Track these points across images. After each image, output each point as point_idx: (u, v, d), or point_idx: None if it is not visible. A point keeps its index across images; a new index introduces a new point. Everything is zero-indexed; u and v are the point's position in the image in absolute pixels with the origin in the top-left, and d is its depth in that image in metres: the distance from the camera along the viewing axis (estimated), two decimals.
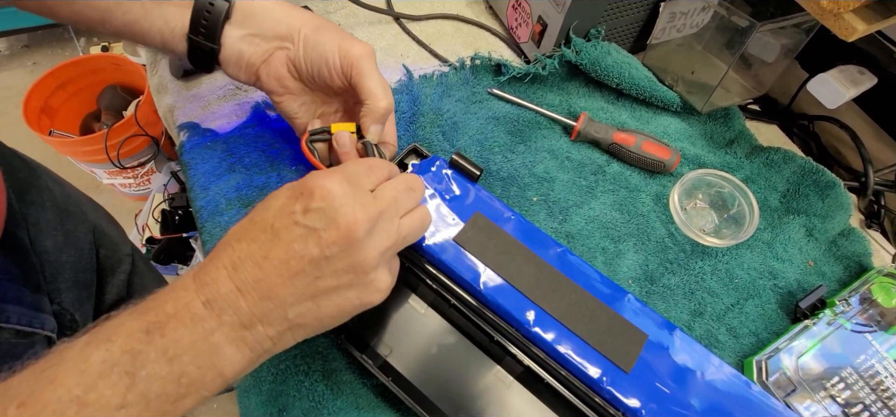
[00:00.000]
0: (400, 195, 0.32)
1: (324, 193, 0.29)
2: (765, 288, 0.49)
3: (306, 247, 0.28)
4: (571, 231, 0.50)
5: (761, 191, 0.55)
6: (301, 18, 0.40)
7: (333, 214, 0.28)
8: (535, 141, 0.55)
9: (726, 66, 0.55)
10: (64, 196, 0.56)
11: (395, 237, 0.31)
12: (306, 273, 0.28)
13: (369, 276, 0.30)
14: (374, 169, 0.33)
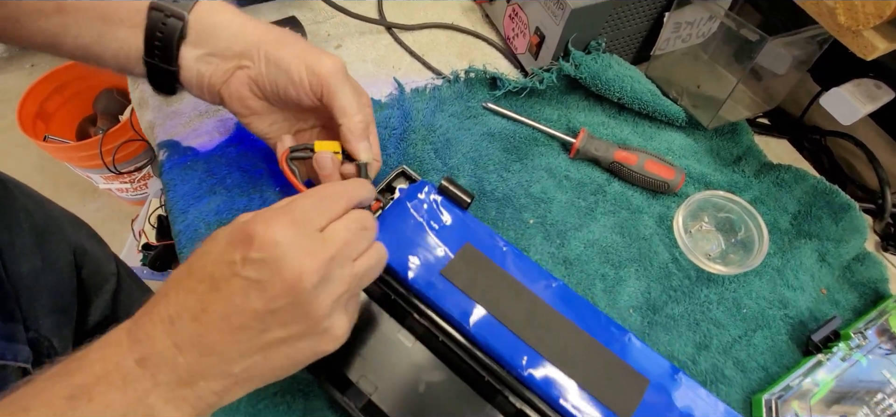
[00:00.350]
0: (352, 236, 0.30)
1: (265, 242, 0.26)
2: (774, 318, 0.46)
3: (248, 301, 0.26)
4: (569, 256, 0.47)
5: (771, 212, 0.52)
6: (259, 33, 0.37)
7: (277, 265, 0.26)
8: (531, 158, 0.52)
9: (735, 79, 0.52)
10: (43, 216, 0.54)
11: (349, 281, 0.29)
12: (250, 327, 0.26)
13: (322, 325, 0.28)
14: (325, 201, 0.30)
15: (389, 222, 0.38)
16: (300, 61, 0.35)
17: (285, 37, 0.37)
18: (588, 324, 0.36)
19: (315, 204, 0.29)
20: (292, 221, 0.27)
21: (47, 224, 0.54)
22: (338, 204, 0.31)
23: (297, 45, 0.36)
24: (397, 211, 0.39)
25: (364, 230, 0.31)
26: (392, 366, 0.39)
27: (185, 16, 0.35)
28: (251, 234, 0.26)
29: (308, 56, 0.36)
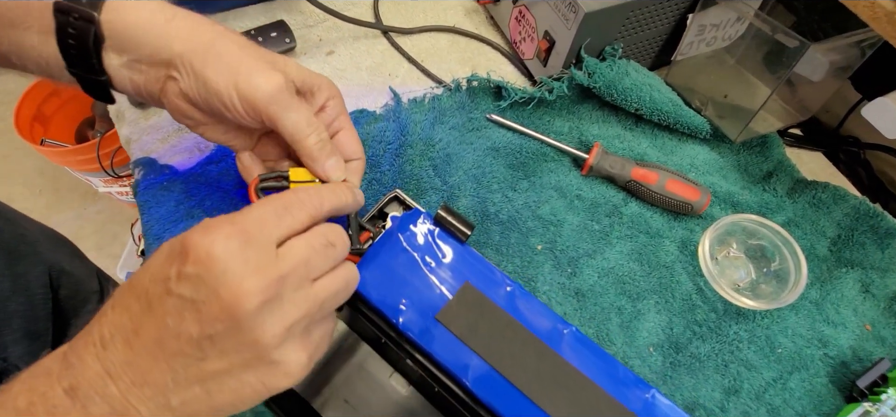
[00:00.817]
0: (314, 253, 0.25)
1: (200, 254, 0.22)
2: (813, 358, 0.41)
3: (182, 324, 0.22)
4: (582, 286, 0.42)
5: (807, 237, 0.47)
6: (183, 39, 0.30)
7: (214, 283, 0.22)
8: (540, 176, 0.48)
9: (766, 88, 0.47)
10: (13, 235, 0.50)
11: (306, 306, 0.25)
12: (186, 354, 0.23)
13: (271, 356, 0.24)
14: (288, 210, 0.26)
15: (379, 257, 0.34)
16: (229, 84, 0.30)
17: (213, 46, 0.30)
18: (606, 380, 0.31)
19: (273, 212, 0.25)
20: (239, 231, 0.23)
21: (18, 244, 0.50)
22: (302, 212, 0.26)
23: (224, 59, 0.30)
24: (388, 244, 0.34)
25: (329, 247, 0.26)
26: (384, 415, 0.35)
27: (94, 16, 0.30)
28: (187, 246, 0.22)
29: (238, 78, 0.30)
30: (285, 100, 0.30)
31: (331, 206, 0.28)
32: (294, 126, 0.31)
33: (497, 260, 0.43)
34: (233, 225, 0.23)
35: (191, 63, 0.30)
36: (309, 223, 0.26)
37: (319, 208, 0.27)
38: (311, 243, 0.25)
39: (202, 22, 0.32)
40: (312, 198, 0.27)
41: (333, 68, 0.53)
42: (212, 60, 0.30)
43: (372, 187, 0.45)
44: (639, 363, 0.40)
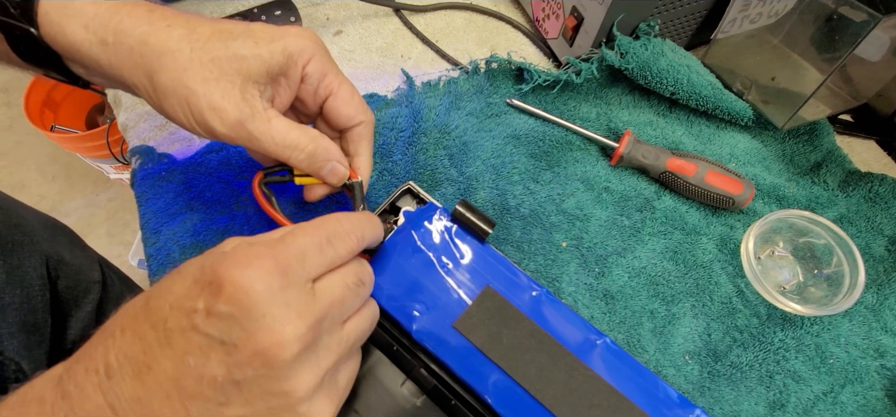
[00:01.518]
0: (348, 293, 0.23)
1: (237, 291, 0.20)
2: (868, 370, 0.38)
3: (207, 365, 0.20)
4: (610, 288, 0.39)
5: (861, 235, 0.43)
6: (128, 68, 0.27)
7: (252, 326, 0.20)
8: (565, 167, 0.44)
9: (815, 69, 0.42)
10: (6, 225, 0.49)
11: (338, 352, 0.23)
12: (206, 398, 0.20)
13: (299, 409, 0.21)
14: (334, 243, 0.23)
15: (391, 256, 0.31)
16: (190, 120, 0.27)
17: (158, 76, 0.26)
18: (644, 398, 0.28)
19: (316, 245, 0.23)
20: (279, 268, 0.21)
21: (13, 233, 0.49)
22: (345, 247, 0.24)
23: (175, 93, 0.26)
24: (400, 242, 0.31)
25: (361, 286, 0.24)
26: None
27: (32, 33, 0.27)
28: (222, 280, 0.20)
29: (193, 117, 0.26)
30: (247, 131, 0.27)
31: (369, 242, 0.26)
32: (272, 150, 0.28)
33: (518, 258, 0.39)
34: (274, 261, 0.21)
35: (146, 92, 0.27)
36: (348, 258, 0.24)
37: (360, 245, 0.25)
38: (347, 280, 0.23)
39: (142, 36, 0.27)
40: (356, 231, 0.25)
41: (342, 49, 0.49)
42: (162, 93, 0.26)
43: (383, 178, 0.41)
44: (673, 372, 0.36)
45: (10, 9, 0.27)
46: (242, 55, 0.27)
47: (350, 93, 0.31)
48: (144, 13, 0.27)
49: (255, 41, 0.27)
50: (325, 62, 0.30)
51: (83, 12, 0.27)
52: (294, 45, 0.28)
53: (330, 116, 0.31)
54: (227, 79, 0.26)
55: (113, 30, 0.27)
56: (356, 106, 0.31)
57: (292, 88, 0.30)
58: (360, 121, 0.32)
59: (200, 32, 0.27)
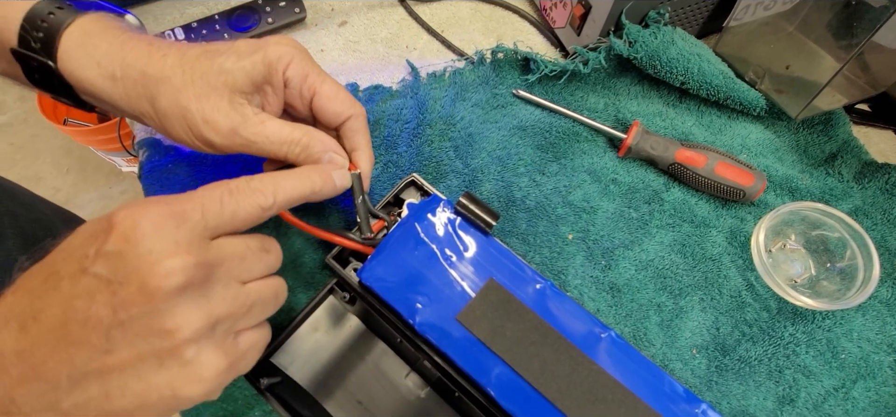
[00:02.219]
0: (249, 253, 0.23)
1: (126, 230, 0.20)
2: (881, 365, 0.37)
3: (93, 306, 0.20)
4: (617, 281, 0.39)
5: (877, 227, 0.42)
6: (133, 100, 0.29)
7: (135, 261, 0.20)
8: (571, 158, 0.43)
9: (831, 57, 0.41)
10: (30, 220, 0.50)
11: (233, 305, 0.22)
12: (91, 344, 0.20)
13: (184, 354, 0.20)
14: (236, 196, 0.23)
15: (394, 249, 0.31)
16: (192, 137, 0.29)
17: (159, 102, 0.29)
18: (650, 393, 0.27)
19: (217, 197, 0.22)
20: (172, 213, 0.21)
21: (35, 228, 0.50)
22: (251, 201, 0.23)
23: (175, 115, 0.28)
24: (404, 234, 0.31)
25: (264, 252, 0.24)
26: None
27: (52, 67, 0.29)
28: (113, 221, 0.20)
29: (193, 132, 0.29)
30: (242, 137, 0.28)
31: (287, 196, 0.25)
32: (269, 150, 0.29)
33: (523, 251, 0.39)
34: (168, 205, 0.21)
35: (150, 118, 0.30)
36: (258, 215, 0.24)
37: (271, 198, 0.24)
38: (248, 243, 0.23)
39: (143, 68, 0.29)
40: (265, 187, 0.24)
41: (346, 40, 0.49)
42: (164, 116, 0.29)
43: (387, 170, 0.41)
44: (681, 366, 0.36)
45: (32, 43, 0.29)
46: (227, 69, 0.29)
47: (334, 90, 0.32)
48: (145, 47, 0.29)
49: (237, 55, 0.29)
50: (305, 64, 0.31)
51: (98, 49, 0.29)
52: (273, 52, 0.30)
53: (320, 115, 0.32)
54: (216, 93, 0.28)
55: (120, 65, 0.29)
56: (342, 101, 0.32)
57: (279, 94, 0.31)
58: (350, 116, 0.32)
59: (190, 55, 0.29)
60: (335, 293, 0.34)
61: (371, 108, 0.44)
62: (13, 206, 0.49)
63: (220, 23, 0.47)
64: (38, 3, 0.30)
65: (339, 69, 0.47)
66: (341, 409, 0.33)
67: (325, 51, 0.48)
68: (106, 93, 0.30)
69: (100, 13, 0.31)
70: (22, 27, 0.29)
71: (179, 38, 0.46)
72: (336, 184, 0.29)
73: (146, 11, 0.49)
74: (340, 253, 0.34)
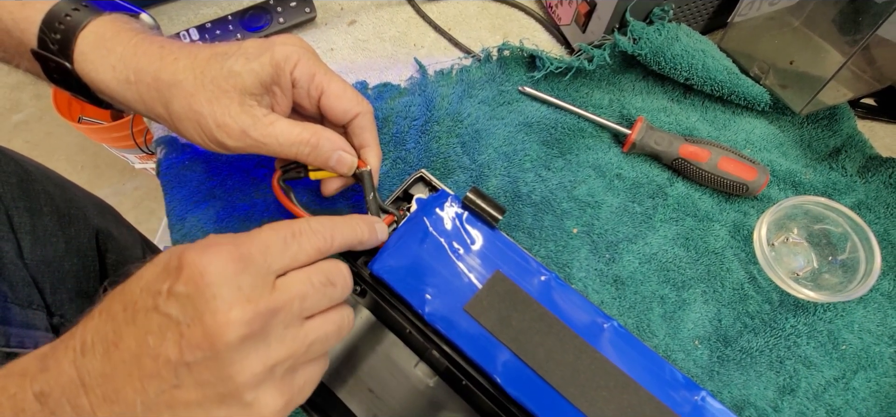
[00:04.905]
0: (312, 290, 0.23)
1: (194, 274, 0.21)
2: (882, 356, 0.37)
3: (163, 345, 0.21)
4: (621, 273, 0.39)
5: (879, 221, 0.42)
6: (147, 102, 0.30)
7: (202, 307, 0.21)
8: (576, 153, 0.44)
9: (837, 52, 0.41)
10: (64, 199, 0.52)
11: (292, 347, 0.23)
12: (161, 377, 0.21)
13: (245, 398, 0.22)
14: (298, 239, 0.24)
15: (403, 242, 0.32)
16: (205, 140, 0.30)
17: (172, 106, 0.30)
18: (651, 380, 0.28)
19: (281, 240, 0.23)
20: (238, 257, 0.22)
21: (69, 208, 0.52)
22: (309, 245, 0.24)
23: (188, 119, 0.30)
24: (413, 228, 0.32)
25: (329, 285, 0.24)
26: (408, 408, 0.34)
27: (69, 68, 0.30)
28: (182, 263, 0.21)
29: (206, 135, 0.30)
30: (252, 138, 0.29)
31: (343, 241, 0.26)
32: (279, 150, 0.30)
33: (529, 245, 0.40)
34: (235, 248, 0.22)
35: (165, 120, 0.31)
36: (316, 256, 0.25)
37: (330, 242, 0.25)
38: (311, 279, 0.24)
39: (156, 73, 0.30)
40: (325, 230, 0.25)
41: (355, 39, 0.50)
42: (177, 118, 0.30)
43: (397, 166, 0.42)
44: (683, 356, 0.37)
45: (50, 45, 0.30)
46: (236, 71, 0.29)
47: (341, 88, 0.32)
48: (156, 51, 0.30)
49: (246, 57, 0.30)
50: (312, 64, 0.31)
51: (112, 53, 0.30)
52: (280, 53, 0.30)
53: (328, 114, 0.33)
54: (227, 96, 0.29)
55: (134, 69, 0.30)
56: (349, 99, 0.32)
57: (287, 94, 0.32)
58: (357, 113, 0.33)
59: (200, 58, 0.30)
60: None
61: (380, 106, 0.45)
62: (49, 186, 0.51)
63: (233, 23, 0.49)
64: (57, 4, 0.31)
65: (348, 67, 0.48)
66: (353, 397, 0.34)
67: (334, 49, 0.50)
68: (121, 95, 0.31)
69: (115, 15, 0.32)
70: (41, 29, 0.30)
71: (194, 38, 0.48)
72: (378, 237, 0.30)
73: (161, 12, 0.51)
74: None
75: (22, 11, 0.31)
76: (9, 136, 1.49)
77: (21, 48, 0.32)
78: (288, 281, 0.23)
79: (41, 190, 0.49)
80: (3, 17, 0.31)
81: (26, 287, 0.43)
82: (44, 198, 0.48)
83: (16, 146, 0.54)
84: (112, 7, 0.33)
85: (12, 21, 0.31)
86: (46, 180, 0.52)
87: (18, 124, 1.52)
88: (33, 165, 0.53)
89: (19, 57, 0.33)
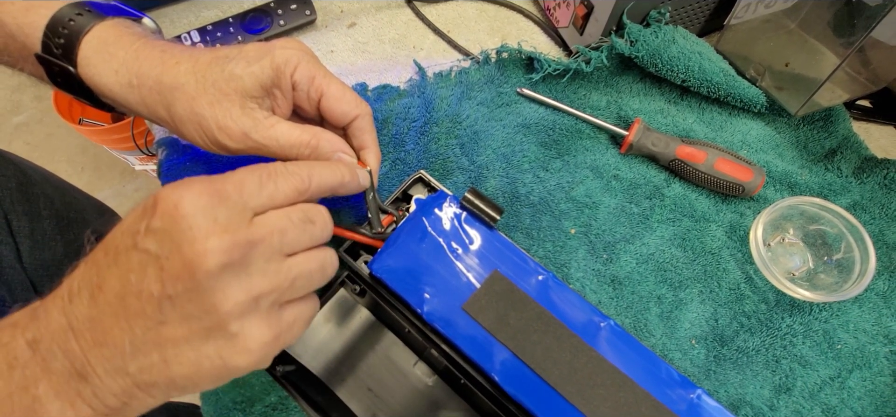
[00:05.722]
0: (290, 225, 0.23)
1: (168, 208, 0.21)
2: (877, 356, 0.38)
3: (144, 281, 0.21)
4: (618, 273, 0.40)
5: (875, 221, 0.42)
6: (148, 106, 0.31)
7: (178, 238, 0.21)
8: (574, 155, 0.44)
9: (833, 54, 0.42)
10: (64, 203, 0.52)
11: (275, 280, 0.23)
12: (146, 315, 0.21)
13: (230, 328, 0.22)
14: (274, 178, 0.24)
15: (402, 242, 0.32)
16: (207, 142, 0.30)
17: (174, 109, 0.30)
18: (647, 378, 0.29)
19: (256, 178, 0.23)
20: (213, 191, 0.22)
21: (68, 211, 0.52)
22: (286, 184, 0.24)
23: (190, 121, 0.30)
24: (412, 228, 0.33)
25: (308, 223, 0.24)
26: (407, 407, 0.34)
27: (72, 72, 0.31)
28: (157, 199, 0.21)
29: (208, 138, 0.30)
30: (253, 141, 0.30)
31: (320, 183, 0.26)
32: (280, 152, 0.30)
33: (527, 245, 0.40)
34: (209, 184, 0.22)
35: (167, 123, 0.31)
36: (294, 197, 0.25)
37: (307, 182, 0.25)
38: (290, 216, 0.24)
39: (158, 77, 0.30)
40: (301, 171, 0.25)
41: (355, 41, 0.51)
42: (180, 121, 0.30)
43: (396, 167, 0.43)
44: (679, 356, 0.37)
45: (54, 49, 0.30)
46: (237, 75, 0.30)
47: (340, 91, 0.32)
48: (158, 55, 0.31)
49: (246, 61, 0.30)
50: (312, 67, 0.32)
51: (115, 57, 0.31)
52: (280, 56, 0.30)
53: (327, 116, 0.33)
54: (228, 99, 0.29)
55: (136, 73, 0.30)
56: (348, 101, 0.32)
57: (287, 97, 0.32)
58: (356, 115, 0.33)
59: (202, 62, 0.30)
60: (346, 285, 0.35)
61: (379, 107, 0.46)
62: (48, 189, 0.51)
63: (234, 25, 0.49)
64: (61, 9, 0.31)
65: (348, 69, 0.49)
66: (352, 396, 0.34)
67: (334, 52, 0.50)
68: (123, 98, 0.31)
69: (117, 19, 0.33)
70: (45, 34, 0.31)
71: (195, 40, 0.48)
72: (360, 181, 0.30)
73: (163, 14, 0.51)
74: (352, 246, 0.35)
75: (26, 16, 0.31)
76: (9, 138, 1.49)
77: (25, 52, 0.32)
78: (265, 217, 0.23)
79: (40, 193, 0.49)
80: (8, 22, 0.32)
81: (25, 290, 0.43)
82: (43, 202, 0.49)
83: (16, 148, 0.55)
84: (114, 11, 0.34)
85: (16, 26, 0.31)
86: (46, 184, 0.52)
87: (19, 126, 1.52)
88: (33, 169, 0.53)
89: (23, 61, 0.33)
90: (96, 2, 0.33)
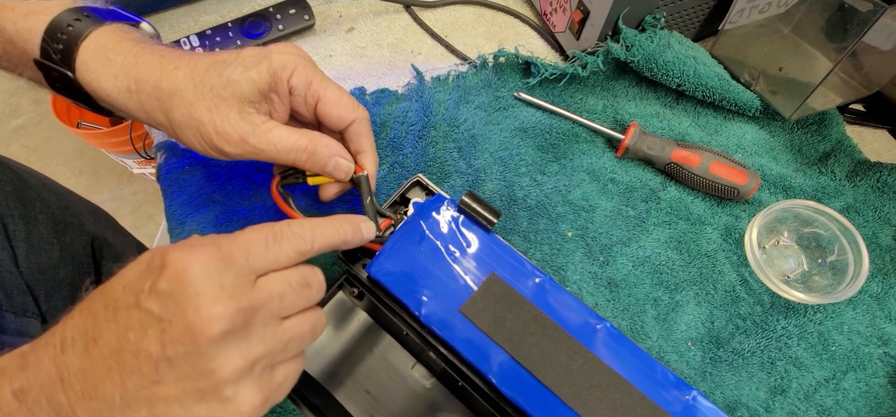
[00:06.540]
0: (289, 291, 0.24)
1: (177, 272, 0.21)
2: (871, 357, 0.38)
3: (143, 340, 0.21)
4: (615, 276, 0.40)
5: (868, 224, 0.43)
6: (147, 111, 0.31)
7: (184, 303, 0.21)
8: (571, 158, 0.45)
9: (828, 60, 0.42)
10: (60, 206, 0.52)
11: (271, 344, 0.23)
12: (142, 373, 0.21)
13: (224, 393, 0.22)
14: (279, 241, 0.24)
15: (400, 245, 0.32)
16: (205, 147, 0.30)
17: (173, 114, 0.30)
18: (643, 380, 0.29)
19: (262, 241, 0.24)
20: (220, 256, 0.22)
21: (65, 215, 0.52)
22: (290, 247, 0.25)
23: (189, 126, 0.30)
24: (410, 232, 0.33)
25: (305, 288, 0.25)
26: (405, 409, 0.34)
27: (71, 77, 0.31)
28: (165, 261, 0.21)
29: (206, 142, 0.30)
30: (251, 145, 0.30)
31: (322, 243, 0.27)
32: (277, 156, 0.30)
33: (524, 248, 0.41)
34: (217, 249, 0.22)
35: (165, 128, 0.31)
36: (296, 259, 0.25)
37: (310, 244, 0.26)
38: (289, 279, 0.24)
39: (156, 82, 0.30)
40: (305, 232, 0.26)
41: (354, 46, 0.51)
42: (178, 126, 0.30)
43: (394, 171, 0.43)
44: (676, 358, 0.38)
45: (53, 54, 0.31)
46: (235, 80, 0.30)
47: (337, 95, 0.33)
48: (156, 60, 0.31)
49: (244, 66, 0.30)
50: (309, 72, 0.32)
51: (113, 62, 0.31)
52: (277, 61, 0.31)
53: (325, 120, 0.33)
54: (226, 104, 0.30)
55: (134, 78, 0.30)
56: (345, 106, 0.33)
57: (285, 101, 0.32)
58: (354, 119, 0.33)
59: (199, 67, 0.30)
60: (344, 288, 0.36)
61: (377, 111, 0.46)
62: (45, 194, 0.51)
63: (233, 30, 0.49)
64: (59, 15, 0.31)
65: (346, 74, 0.49)
66: (351, 399, 0.35)
67: (333, 56, 0.50)
68: (122, 103, 0.31)
69: (116, 24, 0.33)
70: (43, 39, 0.31)
71: (194, 44, 0.48)
72: (364, 235, 0.30)
73: (162, 19, 0.52)
74: (350, 250, 0.36)
75: (25, 22, 0.32)
76: (7, 141, 1.49)
77: (24, 57, 0.32)
78: (268, 281, 0.24)
79: (37, 197, 0.49)
80: (7, 27, 0.32)
81: (21, 295, 0.43)
82: (39, 206, 0.49)
83: (14, 151, 0.55)
84: (113, 16, 0.34)
85: (15, 31, 0.32)
86: (42, 187, 0.52)
87: (17, 129, 1.52)
88: (29, 172, 0.53)
89: (22, 65, 0.33)
90: (95, 7, 0.33)
